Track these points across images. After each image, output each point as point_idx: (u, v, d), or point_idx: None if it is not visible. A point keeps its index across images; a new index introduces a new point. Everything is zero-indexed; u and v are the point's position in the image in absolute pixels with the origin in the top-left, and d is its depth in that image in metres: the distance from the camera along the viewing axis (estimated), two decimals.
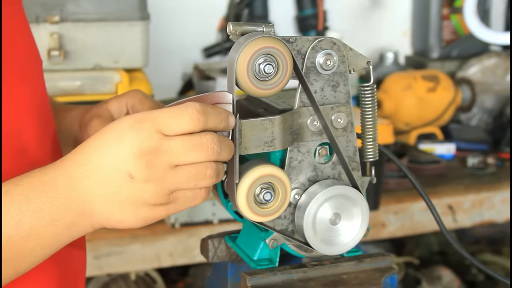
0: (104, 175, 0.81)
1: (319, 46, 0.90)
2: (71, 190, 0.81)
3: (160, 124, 0.80)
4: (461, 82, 2.34)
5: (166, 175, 0.80)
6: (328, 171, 0.94)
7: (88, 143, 0.82)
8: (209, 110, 0.82)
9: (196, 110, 0.80)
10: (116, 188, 0.80)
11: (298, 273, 0.93)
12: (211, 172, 0.82)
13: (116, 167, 0.80)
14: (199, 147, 0.81)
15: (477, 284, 2.29)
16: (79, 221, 0.82)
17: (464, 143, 2.24)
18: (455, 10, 2.44)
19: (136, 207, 0.82)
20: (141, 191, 0.80)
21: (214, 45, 2.29)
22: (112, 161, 0.80)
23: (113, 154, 0.80)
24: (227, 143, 0.84)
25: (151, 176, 0.80)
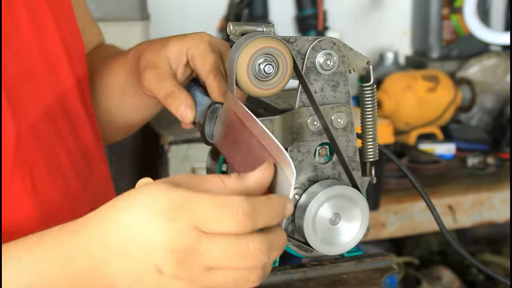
0: (128, 260, 0.71)
1: (319, 46, 0.90)
2: (89, 266, 0.73)
3: (198, 220, 0.69)
4: (461, 82, 2.34)
5: (200, 277, 0.70)
6: (328, 171, 0.94)
7: (112, 214, 0.72)
8: (260, 209, 0.70)
9: (242, 212, 0.68)
10: (143, 277, 0.71)
11: (298, 273, 0.93)
12: (255, 278, 0.71)
13: (141, 256, 0.70)
14: (243, 256, 0.69)
15: (477, 284, 2.29)
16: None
17: (464, 143, 2.24)
18: (455, 10, 2.44)
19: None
20: (169, 286, 0.71)
21: None
22: (139, 249, 0.70)
23: (140, 242, 0.70)
24: (277, 245, 0.72)
25: (182, 276, 0.70)
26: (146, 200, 0.70)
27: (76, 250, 0.72)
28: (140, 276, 0.71)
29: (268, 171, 0.74)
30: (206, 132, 0.93)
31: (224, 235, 0.69)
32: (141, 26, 1.81)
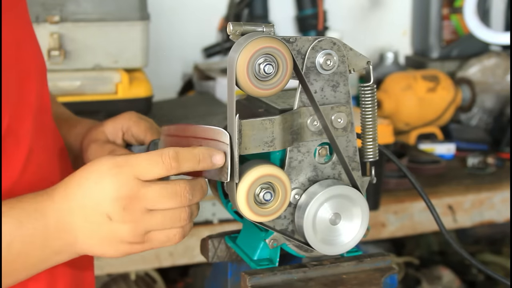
0: (86, 213, 0.86)
1: (319, 46, 0.90)
2: (59, 221, 0.87)
3: (137, 170, 0.85)
4: (461, 82, 2.34)
5: (141, 218, 0.86)
6: (328, 171, 0.94)
7: (74, 179, 0.88)
8: (184, 155, 0.87)
9: (168, 157, 0.86)
10: (96, 226, 0.86)
11: (298, 273, 0.93)
12: (184, 215, 0.88)
13: (96, 208, 0.86)
14: (173, 196, 0.86)
15: (477, 284, 2.29)
16: (65, 249, 0.88)
17: (464, 143, 2.24)
18: (455, 10, 2.44)
19: (114, 244, 0.88)
20: (118, 231, 0.86)
21: (214, 45, 2.29)
22: (93, 202, 0.86)
23: (94, 195, 0.86)
24: (199, 188, 0.89)
25: (127, 218, 0.85)
26: (96, 164, 0.87)
27: (48, 207, 0.87)
28: (95, 226, 0.86)
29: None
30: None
31: (158, 182, 0.86)
32: (141, 26, 1.80)
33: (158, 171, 0.86)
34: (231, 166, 0.88)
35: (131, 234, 0.86)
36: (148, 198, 0.86)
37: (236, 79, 0.87)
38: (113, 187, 0.85)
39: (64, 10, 1.75)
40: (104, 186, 0.85)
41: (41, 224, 0.86)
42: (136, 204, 0.85)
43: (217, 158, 0.88)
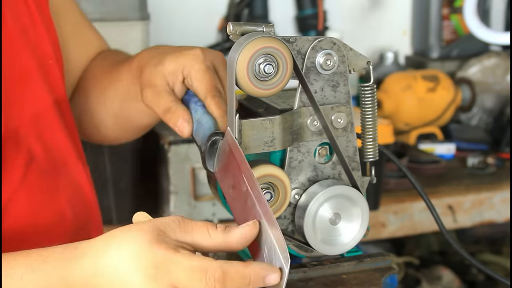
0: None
1: (319, 46, 0.90)
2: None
3: (176, 281, 0.76)
4: (461, 82, 2.34)
5: None
6: (328, 171, 0.94)
7: (106, 253, 0.79)
8: (232, 277, 0.76)
9: (214, 279, 0.75)
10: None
11: (298, 273, 0.93)
12: None
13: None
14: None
15: (477, 284, 2.29)
16: None
17: (464, 143, 2.24)
18: (455, 10, 2.44)
19: None
20: None
21: (214, 45, 2.29)
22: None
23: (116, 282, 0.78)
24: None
25: None
26: (133, 251, 0.77)
27: (74, 277, 0.79)
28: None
29: (253, 229, 0.80)
30: (207, 162, 0.94)
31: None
32: (141, 26, 1.80)
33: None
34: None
35: None
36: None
37: (236, 79, 0.87)
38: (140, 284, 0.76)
39: None
40: (137, 285, 0.76)
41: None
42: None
43: (271, 278, 0.77)
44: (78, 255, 0.81)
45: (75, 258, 0.81)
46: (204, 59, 1.00)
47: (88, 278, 0.79)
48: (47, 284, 0.80)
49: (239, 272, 0.76)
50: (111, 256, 0.78)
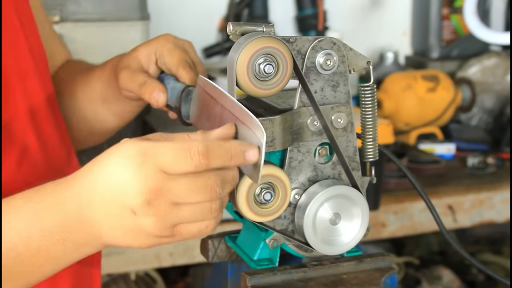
0: (107, 206, 0.81)
1: (319, 46, 0.90)
2: (79, 214, 0.83)
3: (163, 163, 0.79)
4: (461, 82, 2.34)
5: (168, 212, 0.80)
6: (328, 171, 0.94)
7: (95, 167, 0.83)
8: (215, 151, 0.80)
9: (198, 153, 0.79)
10: (119, 220, 0.82)
11: (298, 273, 0.93)
12: (215, 207, 0.82)
13: (118, 201, 0.81)
14: (203, 190, 0.80)
15: (477, 284, 2.29)
16: (89, 242, 0.84)
17: (464, 143, 2.24)
18: (455, 10, 2.44)
19: (140, 237, 0.82)
20: (143, 225, 0.81)
21: (214, 45, 2.29)
22: (115, 194, 0.81)
23: (115, 187, 0.81)
24: (230, 179, 0.83)
25: (153, 212, 0.80)
26: (119, 152, 0.81)
27: (67, 199, 0.83)
28: (118, 219, 0.81)
29: (230, 129, 0.85)
30: (183, 113, 1.02)
31: (185, 174, 0.80)
32: (141, 26, 1.80)
33: (185, 167, 0.79)
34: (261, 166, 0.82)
35: (157, 228, 0.81)
36: (174, 192, 0.80)
37: (236, 79, 0.87)
38: (136, 180, 0.79)
39: (64, 10, 1.75)
40: (126, 176, 0.80)
41: (60, 216, 0.83)
42: (161, 198, 0.79)
43: (250, 154, 0.82)
44: (69, 179, 0.84)
45: (66, 182, 0.84)
46: (173, 39, 1.08)
47: (81, 194, 0.82)
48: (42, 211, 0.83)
49: (220, 146, 0.81)
50: (99, 166, 0.82)
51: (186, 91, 1.02)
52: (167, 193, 0.79)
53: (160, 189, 0.79)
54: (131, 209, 0.80)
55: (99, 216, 0.82)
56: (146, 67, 1.07)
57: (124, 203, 0.80)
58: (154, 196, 0.79)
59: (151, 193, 0.79)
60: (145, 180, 0.79)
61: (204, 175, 0.80)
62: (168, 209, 0.80)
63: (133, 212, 0.80)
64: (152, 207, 0.79)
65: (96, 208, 0.82)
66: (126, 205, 0.80)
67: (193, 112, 1.00)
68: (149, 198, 0.79)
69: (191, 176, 0.80)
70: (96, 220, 0.82)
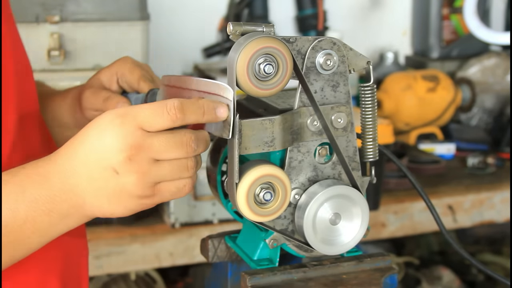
0: (90, 170, 0.84)
1: (319, 46, 0.90)
2: (63, 183, 0.85)
3: (141, 121, 0.83)
4: (461, 82, 2.34)
5: (149, 169, 0.84)
6: (328, 171, 0.94)
7: (77, 138, 0.86)
8: (189, 106, 0.85)
9: (174, 108, 0.84)
10: (103, 182, 0.84)
11: (298, 273, 0.93)
12: (191, 164, 0.86)
13: (100, 163, 0.83)
14: (180, 145, 0.84)
15: (477, 284, 2.29)
16: (73, 212, 0.86)
17: (464, 143, 2.24)
18: (455, 10, 2.44)
19: (123, 199, 0.85)
20: (126, 184, 0.84)
21: (214, 45, 2.29)
22: (97, 157, 0.83)
23: (97, 150, 0.83)
24: (203, 138, 0.87)
25: (134, 169, 0.83)
26: (98, 119, 0.85)
27: (51, 170, 0.85)
28: (101, 182, 0.84)
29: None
30: None
31: (163, 132, 0.84)
32: (141, 26, 1.80)
33: (163, 122, 0.83)
34: (233, 123, 0.86)
35: (139, 186, 0.84)
36: (154, 148, 0.83)
37: (236, 79, 0.87)
38: (117, 138, 0.82)
39: (64, 10, 1.75)
40: (107, 138, 0.83)
41: (44, 188, 0.85)
42: (142, 154, 0.83)
43: (221, 110, 0.86)
44: (52, 155, 0.87)
45: (49, 157, 0.87)
46: (133, 60, 1.12)
47: (64, 164, 0.85)
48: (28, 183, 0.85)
49: (193, 102, 0.85)
50: (82, 136, 0.85)
51: (151, 93, 1.06)
52: (147, 149, 0.83)
53: (140, 145, 0.83)
54: (113, 168, 0.83)
55: (83, 184, 0.84)
56: (108, 86, 1.11)
57: (107, 163, 0.83)
58: (135, 152, 0.82)
59: (132, 149, 0.82)
60: (125, 137, 0.82)
61: (180, 132, 0.85)
62: (149, 166, 0.83)
63: (115, 171, 0.83)
64: (133, 163, 0.83)
65: (80, 176, 0.84)
66: (108, 165, 0.83)
67: None
68: (130, 154, 0.82)
69: (168, 133, 0.84)
70: (80, 188, 0.85)
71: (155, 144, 0.83)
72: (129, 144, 0.82)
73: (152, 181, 0.84)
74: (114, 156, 0.83)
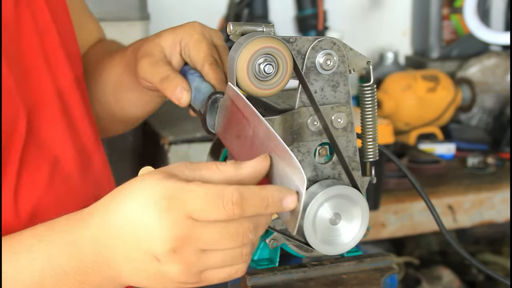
0: (130, 250, 0.75)
1: (319, 46, 0.90)
2: (98, 255, 0.77)
3: (191, 209, 0.72)
4: (461, 82, 2.34)
5: (196, 260, 0.74)
6: (328, 171, 0.94)
7: (113, 203, 0.76)
8: (250, 200, 0.73)
9: (231, 202, 0.72)
10: (142, 265, 0.75)
11: (298, 273, 0.93)
12: (246, 251, 0.76)
13: (140, 245, 0.74)
14: (234, 237, 0.74)
15: (477, 284, 2.29)
16: (108, 283, 0.79)
17: (464, 143, 2.24)
18: (455, 10, 2.44)
19: (164, 282, 0.76)
20: (168, 272, 0.75)
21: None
22: (136, 238, 0.74)
23: (136, 229, 0.74)
24: (263, 225, 0.77)
25: (179, 260, 0.74)
26: (141, 191, 0.73)
27: (83, 239, 0.76)
28: (140, 264, 0.75)
29: (265, 162, 0.77)
30: (208, 122, 0.94)
31: (215, 222, 0.73)
32: (141, 26, 1.81)
33: (216, 216, 0.72)
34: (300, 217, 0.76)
35: (183, 275, 0.74)
36: (204, 240, 0.73)
37: (236, 79, 0.87)
38: (162, 226, 0.72)
39: None
40: (151, 223, 0.72)
41: (76, 258, 0.76)
42: (189, 246, 0.73)
43: (289, 201, 0.75)
44: (85, 215, 0.78)
45: (82, 219, 0.77)
46: (201, 30, 0.99)
47: (98, 235, 0.75)
48: (56, 252, 0.77)
49: (256, 194, 0.73)
50: (119, 204, 0.75)
51: (213, 98, 0.93)
52: (195, 241, 0.73)
53: (188, 237, 0.73)
54: (155, 256, 0.74)
55: (119, 260, 0.76)
56: (169, 57, 0.99)
57: (148, 249, 0.74)
58: (180, 244, 0.73)
59: (178, 240, 0.72)
60: (171, 227, 0.72)
61: (237, 222, 0.74)
62: (196, 257, 0.74)
63: (157, 259, 0.74)
64: (178, 255, 0.73)
65: (116, 251, 0.75)
66: (149, 251, 0.74)
67: (219, 122, 0.92)
68: (175, 246, 0.73)
69: (222, 223, 0.73)
70: (116, 263, 0.76)
71: (205, 236, 0.73)
72: (175, 235, 0.72)
73: (198, 270, 0.75)
74: (157, 244, 0.73)
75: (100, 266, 0.77)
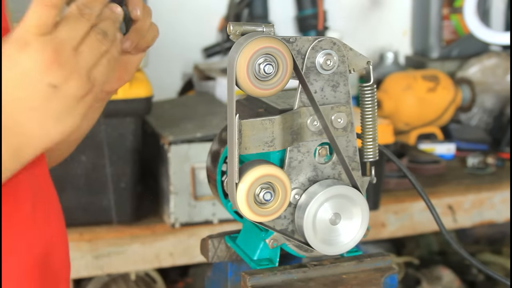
0: (28, 102, 0.79)
1: (319, 46, 0.90)
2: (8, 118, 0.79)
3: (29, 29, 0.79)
4: (461, 82, 2.34)
5: (77, 62, 0.80)
6: (328, 171, 0.94)
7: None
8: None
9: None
10: (46, 103, 0.79)
11: (298, 273, 0.93)
12: (98, 36, 0.82)
13: (35, 88, 0.79)
14: (76, 19, 0.82)
15: (477, 284, 2.29)
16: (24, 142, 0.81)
17: (464, 143, 2.24)
18: (455, 10, 2.44)
19: (71, 109, 0.81)
20: (69, 92, 0.79)
21: (214, 45, 2.29)
22: (29, 85, 0.79)
23: (24, 80, 0.78)
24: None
25: (68, 71, 0.79)
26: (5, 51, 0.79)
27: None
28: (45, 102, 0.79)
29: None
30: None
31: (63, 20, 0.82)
32: None
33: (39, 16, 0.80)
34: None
35: (79, 83, 0.80)
36: (67, 37, 0.80)
37: (236, 79, 0.87)
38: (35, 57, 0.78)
39: (64, 10, 1.75)
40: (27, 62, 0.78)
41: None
42: (64, 52, 0.79)
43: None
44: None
45: None
46: None
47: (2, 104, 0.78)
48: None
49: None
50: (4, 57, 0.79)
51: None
52: (64, 43, 0.80)
53: (58, 45, 0.79)
54: (49, 84, 0.78)
55: (24, 112, 0.79)
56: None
57: (41, 85, 0.78)
58: (58, 56, 0.79)
59: (54, 55, 0.78)
60: (41, 52, 0.78)
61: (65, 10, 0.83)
62: (75, 59, 0.80)
63: (53, 85, 0.79)
64: (62, 67, 0.79)
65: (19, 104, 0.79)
66: (43, 86, 0.78)
67: None
68: (56, 60, 0.78)
69: (68, 19, 0.82)
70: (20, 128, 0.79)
71: (66, 35, 0.80)
72: (48, 53, 0.79)
73: (86, 71, 0.81)
74: (44, 72, 0.78)
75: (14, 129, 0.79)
